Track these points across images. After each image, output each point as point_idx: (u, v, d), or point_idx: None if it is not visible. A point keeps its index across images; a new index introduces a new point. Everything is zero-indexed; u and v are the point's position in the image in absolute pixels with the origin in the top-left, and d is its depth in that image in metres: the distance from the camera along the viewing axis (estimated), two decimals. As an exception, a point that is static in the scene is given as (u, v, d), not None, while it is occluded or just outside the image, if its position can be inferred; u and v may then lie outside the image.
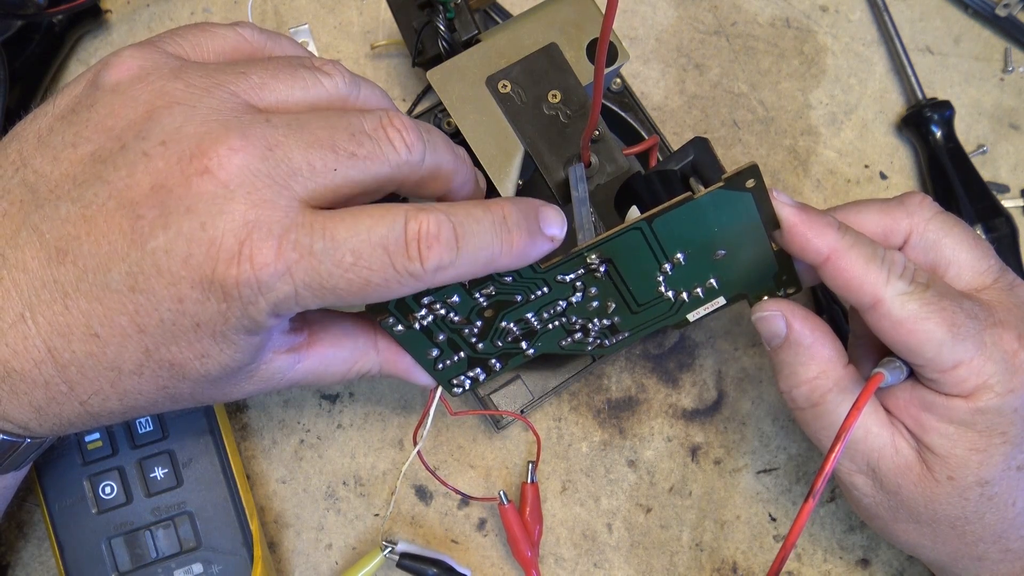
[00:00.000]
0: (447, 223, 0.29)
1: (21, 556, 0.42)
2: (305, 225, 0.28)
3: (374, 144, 0.30)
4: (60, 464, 0.39)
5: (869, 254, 0.33)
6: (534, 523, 0.42)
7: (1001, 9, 0.50)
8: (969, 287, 0.35)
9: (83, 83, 0.31)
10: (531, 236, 0.32)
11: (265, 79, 0.31)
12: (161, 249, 0.27)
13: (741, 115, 0.49)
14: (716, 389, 0.46)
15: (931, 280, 0.33)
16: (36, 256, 0.28)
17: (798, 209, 0.33)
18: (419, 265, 0.29)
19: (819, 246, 0.33)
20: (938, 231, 0.36)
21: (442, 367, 0.37)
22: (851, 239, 0.33)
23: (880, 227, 0.36)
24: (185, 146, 0.28)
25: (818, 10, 0.51)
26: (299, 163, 0.28)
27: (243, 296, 0.28)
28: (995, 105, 0.51)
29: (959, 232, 0.36)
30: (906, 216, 0.36)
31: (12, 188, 0.29)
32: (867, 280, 0.33)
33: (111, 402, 0.30)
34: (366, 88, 0.34)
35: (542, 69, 0.39)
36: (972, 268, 0.35)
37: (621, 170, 0.39)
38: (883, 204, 0.36)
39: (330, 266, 0.28)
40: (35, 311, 0.28)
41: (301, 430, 0.44)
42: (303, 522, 0.43)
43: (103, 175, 0.28)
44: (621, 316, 0.37)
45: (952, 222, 0.36)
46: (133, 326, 0.28)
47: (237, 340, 0.29)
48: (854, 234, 0.33)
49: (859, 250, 0.33)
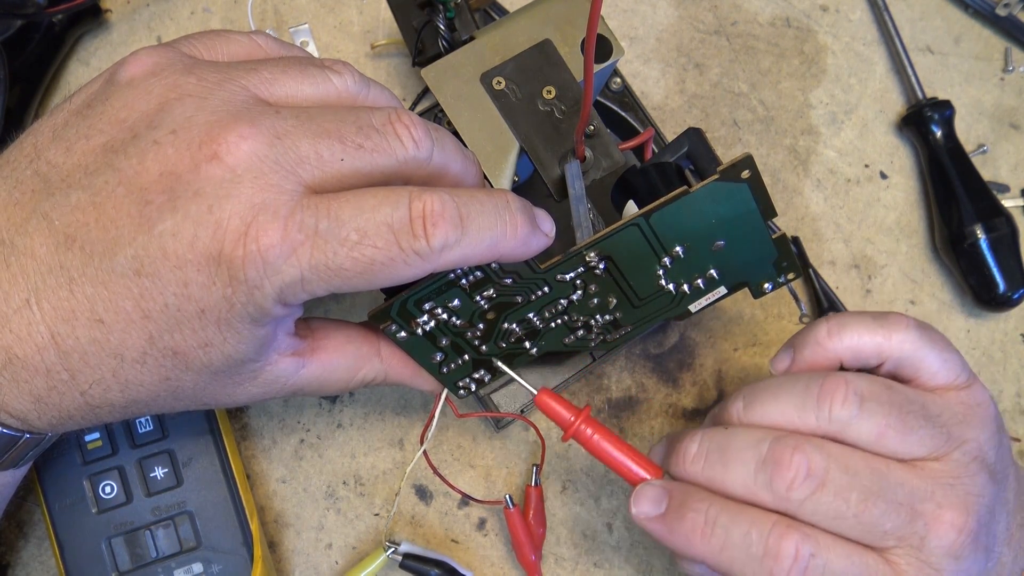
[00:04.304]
0: (451, 203, 0.29)
1: (21, 556, 0.42)
2: (310, 207, 0.28)
3: (381, 138, 0.30)
4: (60, 464, 0.39)
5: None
6: (538, 526, 0.42)
7: (1001, 9, 0.50)
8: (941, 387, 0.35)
9: (100, 81, 0.31)
10: (532, 225, 0.32)
11: (275, 74, 0.31)
12: (168, 232, 0.27)
13: (741, 115, 0.49)
14: (716, 389, 0.46)
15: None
16: (44, 243, 0.28)
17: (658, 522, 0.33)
18: (424, 243, 0.29)
19: (689, 552, 0.32)
20: (915, 350, 0.35)
21: (447, 371, 0.37)
22: (718, 541, 0.32)
23: (866, 345, 0.35)
24: (195, 134, 0.28)
25: (818, 10, 0.51)
26: (307, 152, 0.29)
27: (249, 279, 0.28)
28: (995, 105, 0.51)
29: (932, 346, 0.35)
30: (886, 338, 0.35)
31: (25, 178, 0.29)
32: None
33: (112, 393, 0.30)
34: (375, 88, 0.34)
35: (536, 65, 0.39)
36: (944, 374, 0.35)
37: (617, 164, 0.39)
38: (868, 323, 0.35)
39: (335, 245, 0.28)
40: (40, 296, 0.28)
41: (301, 430, 0.44)
42: (303, 522, 0.43)
43: (114, 163, 0.28)
44: (623, 311, 0.37)
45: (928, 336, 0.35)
46: (138, 311, 0.28)
47: (242, 329, 0.29)
48: (723, 525, 0.32)
49: (729, 553, 0.32)
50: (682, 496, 0.33)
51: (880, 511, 0.31)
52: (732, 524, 0.31)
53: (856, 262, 0.48)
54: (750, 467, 0.32)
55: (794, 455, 0.31)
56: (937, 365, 0.34)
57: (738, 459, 0.32)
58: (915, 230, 0.49)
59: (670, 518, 0.33)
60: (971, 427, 0.33)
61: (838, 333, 0.35)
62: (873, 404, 0.32)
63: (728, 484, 0.32)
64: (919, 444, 0.32)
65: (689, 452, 0.33)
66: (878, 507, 0.31)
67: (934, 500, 0.31)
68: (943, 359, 0.34)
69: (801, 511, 0.31)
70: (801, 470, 0.31)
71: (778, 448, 0.31)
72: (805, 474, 0.31)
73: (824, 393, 0.32)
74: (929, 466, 0.32)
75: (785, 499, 0.31)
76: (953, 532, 0.31)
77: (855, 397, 0.32)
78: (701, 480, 0.33)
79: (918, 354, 0.34)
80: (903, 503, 0.31)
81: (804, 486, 0.31)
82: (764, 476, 0.31)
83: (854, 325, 0.35)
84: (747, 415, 0.34)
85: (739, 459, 0.32)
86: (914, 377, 0.35)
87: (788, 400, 0.33)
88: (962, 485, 0.32)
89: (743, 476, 0.32)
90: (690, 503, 0.32)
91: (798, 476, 0.31)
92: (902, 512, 0.31)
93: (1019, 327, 0.48)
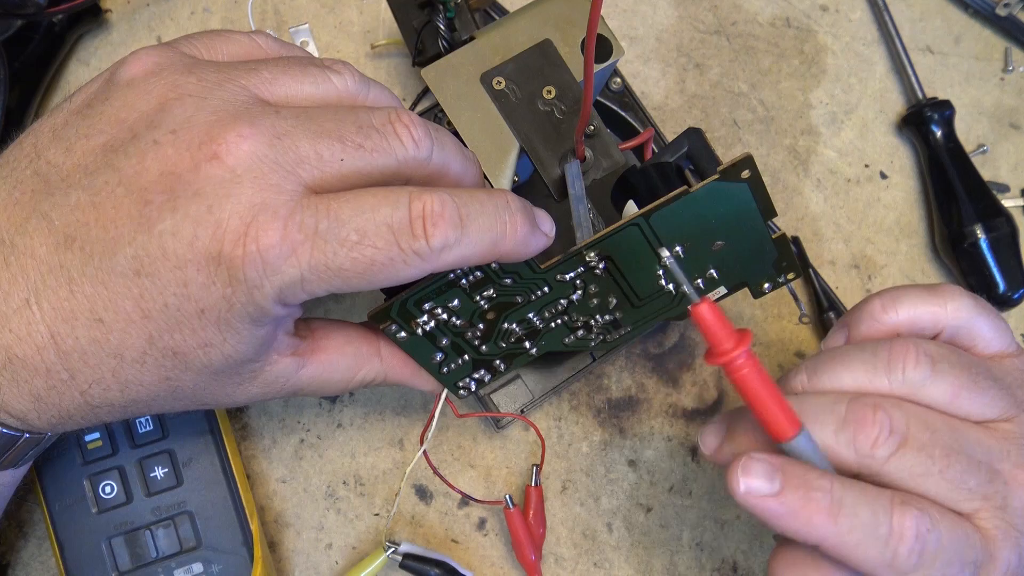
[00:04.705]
0: (451, 203, 0.29)
1: (21, 556, 0.42)
2: (310, 207, 0.28)
3: (381, 137, 0.30)
4: (60, 463, 0.39)
5: (867, 530, 0.30)
6: (538, 526, 0.42)
7: (1001, 9, 0.50)
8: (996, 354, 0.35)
9: (100, 81, 0.31)
10: (531, 225, 0.32)
11: (276, 74, 0.31)
12: (168, 232, 0.27)
13: (741, 115, 0.49)
14: (716, 389, 0.46)
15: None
16: (44, 242, 0.28)
17: (778, 500, 0.30)
18: (424, 243, 0.29)
19: (809, 536, 0.30)
20: (970, 318, 0.34)
21: (447, 371, 0.37)
22: (847, 522, 0.29)
23: (922, 316, 0.35)
24: (195, 134, 0.28)
25: (818, 10, 0.51)
26: (306, 151, 0.29)
27: (248, 279, 0.28)
28: (995, 105, 0.51)
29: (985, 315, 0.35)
30: (941, 307, 0.34)
31: (25, 178, 0.29)
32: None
33: (112, 392, 0.30)
34: (376, 88, 0.34)
35: (536, 65, 0.39)
36: (998, 341, 0.35)
37: (617, 164, 0.39)
38: (923, 294, 0.35)
39: (335, 245, 0.28)
40: (40, 296, 0.28)
41: (301, 430, 0.44)
42: (303, 522, 0.43)
43: (114, 163, 0.28)
44: (623, 311, 0.37)
45: (981, 305, 0.35)
46: (137, 311, 0.28)
47: (241, 329, 0.29)
48: (850, 505, 0.29)
49: (855, 535, 0.29)
50: (800, 473, 0.30)
51: (963, 467, 0.30)
52: (858, 504, 0.30)
53: (856, 262, 0.48)
54: (829, 429, 0.31)
55: (876, 413, 0.30)
56: (991, 333, 0.34)
57: (816, 421, 0.31)
58: (915, 230, 0.49)
59: (790, 498, 0.30)
60: None
61: (893, 305, 0.34)
62: (945, 365, 0.32)
63: None
64: (991, 405, 0.32)
65: None
66: (961, 463, 0.30)
67: (1010, 460, 0.31)
68: (996, 327, 0.34)
69: (885, 469, 0.30)
70: (884, 427, 0.30)
71: (858, 407, 0.30)
72: (889, 431, 0.30)
73: (895, 356, 0.32)
74: (1002, 427, 0.32)
75: (870, 456, 0.30)
76: None
77: (927, 358, 0.32)
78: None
79: (974, 322, 0.34)
80: (983, 461, 0.31)
81: (889, 443, 0.30)
82: (846, 436, 0.30)
83: (909, 296, 0.35)
84: (815, 383, 0.33)
85: (818, 421, 0.31)
86: (971, 345, 0.34)
87: (858, 366, 0.32)
88: None
89: (823, 439, 0.31)
90: (812, 481, 0.30)
91: (882, 433, 0.30)
92: (983, 470, 0.31)
93: (1019, 327, 0.48)
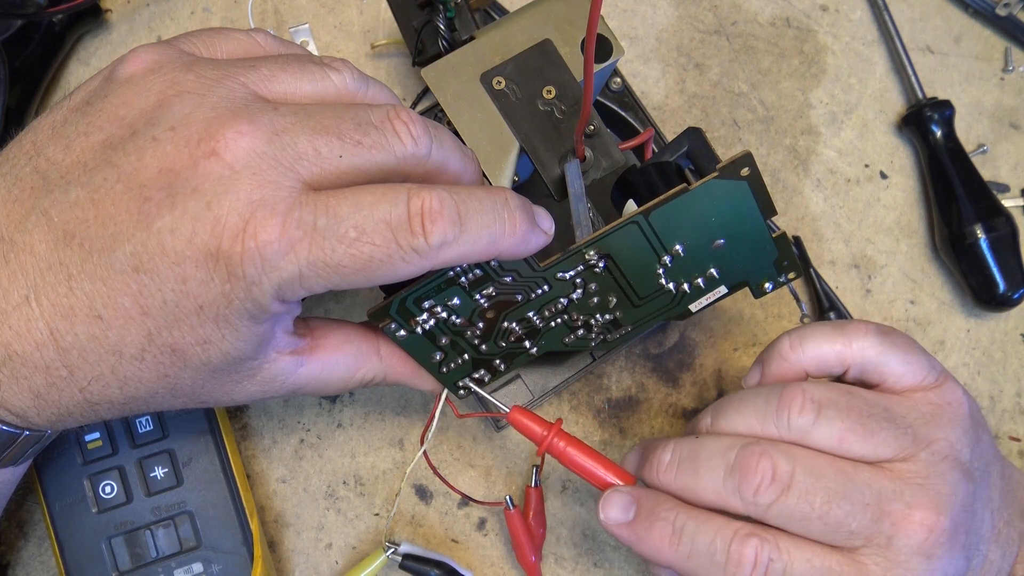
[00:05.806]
0: (450, 200, 0.29)
1: (21, 555, 0.42)
2: (308, 204, 0.28)
3: (380, 134, 0.30)
4: (60, 463, 0.39)
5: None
6: (538, 527, 0.42)
7: (1001, 8, 0.50)
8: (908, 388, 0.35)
9: (99, 78, 0.32)
10: (530, 222, 0.32)
11: (274, 71, 0.31)
12: (167, 228, 0.27)
13: (741, 115, 0.49)
14: (716, 389, 0.46)
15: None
16: (44, 239, 0.28)
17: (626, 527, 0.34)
18: (423, 240, 0.29)
19: (657, 559, 0.33)
20: (877, 355, 0.35)
21: (446, 370, 0.37)
22: (686, 548, 0.32)
23: (827, 355, 0.36)
24: (193, 130, 0.28)
25: (818, 9, 0.51)
26: (305, 148, 0.29)
27: (247, 275, 0.28)
28: (995, 104, 0.51)
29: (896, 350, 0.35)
30: (846, 346, 0.35)
31: (24, 176, 0.29)
32: None
33: (111, 389, 0.30)
34: (374, 85, 0.34)
35: (536, 65, 0.39)
36: (910, 376, 0.35)
37: (617, 164, 0.39)
38: (829, 332, 0.36)
39: (333, 242, 0.28)
40: (39, 293, 0.28)
41: (301, 430, 0.44)
42: (303, 522, 0.43)
43: (113, 160, 0.28)
44: (623, 310, 0.37)
45: (890, 341, 0.36)
46: (136, 308, 0.28)
47: (240, 326, 0.29)
48: (689, 533, 0.33)
49: (695, 561, 0.32)
50: (651, 504, 0.34)
51: (845, 512, 0.31)
52: (698, 532, 0.32)
53: (856, 262, 0.48)
54: (719, 474, 0.32)
55: (760, 460, 0.32)
56: (902, 368, 0.35)
57: (708, 467, 0.33)
58: (915, 230, 0.49)
59: (638, 525, 0.33)
60: (940, 427, 0.34)
61: (800, 345, 0.36)
62: (831, 410, 0.33)
63: (700, 492, 0.33)
64: (884, 446, 0.33)
65: (663, 461, 0.34)
66: (843, 508, 0.31)
67: (903, 500, 0.32)
68: (906, 361, 0.35)
69: (769, 515, 0.32)
70: (767, 475, 0.31)
71: (745, 454, 0.32)
72: (771, 479, 0.31)
73: (783, 402, 0.33)
74: (897, 467, 0.33)
75: (753, 504, 0.32)
76: (924, 531, 0.31)
77: (812, 404, 0.33)
78: (674, 488, 0.34)
79: (880, 359, 0.35)
80: (870, 503, 0.31)
81: (770, 490, 0.31)
82: (732, 482, 0.32)
83: (814, 336, 0.36)
84: (715, 426, 0.35)
85: (709, 466, 0.33)
86: (880, 381, 0.35)
87: (751, 411, 0.34)
88: (932, 484, 0.32)
89: (713, 483, 0.33)
90: (658, 511, 0.33)
91: (764, 480, 0.31)
92: (868, 512, 0.31)
93: (1019, 327, 0.48)
